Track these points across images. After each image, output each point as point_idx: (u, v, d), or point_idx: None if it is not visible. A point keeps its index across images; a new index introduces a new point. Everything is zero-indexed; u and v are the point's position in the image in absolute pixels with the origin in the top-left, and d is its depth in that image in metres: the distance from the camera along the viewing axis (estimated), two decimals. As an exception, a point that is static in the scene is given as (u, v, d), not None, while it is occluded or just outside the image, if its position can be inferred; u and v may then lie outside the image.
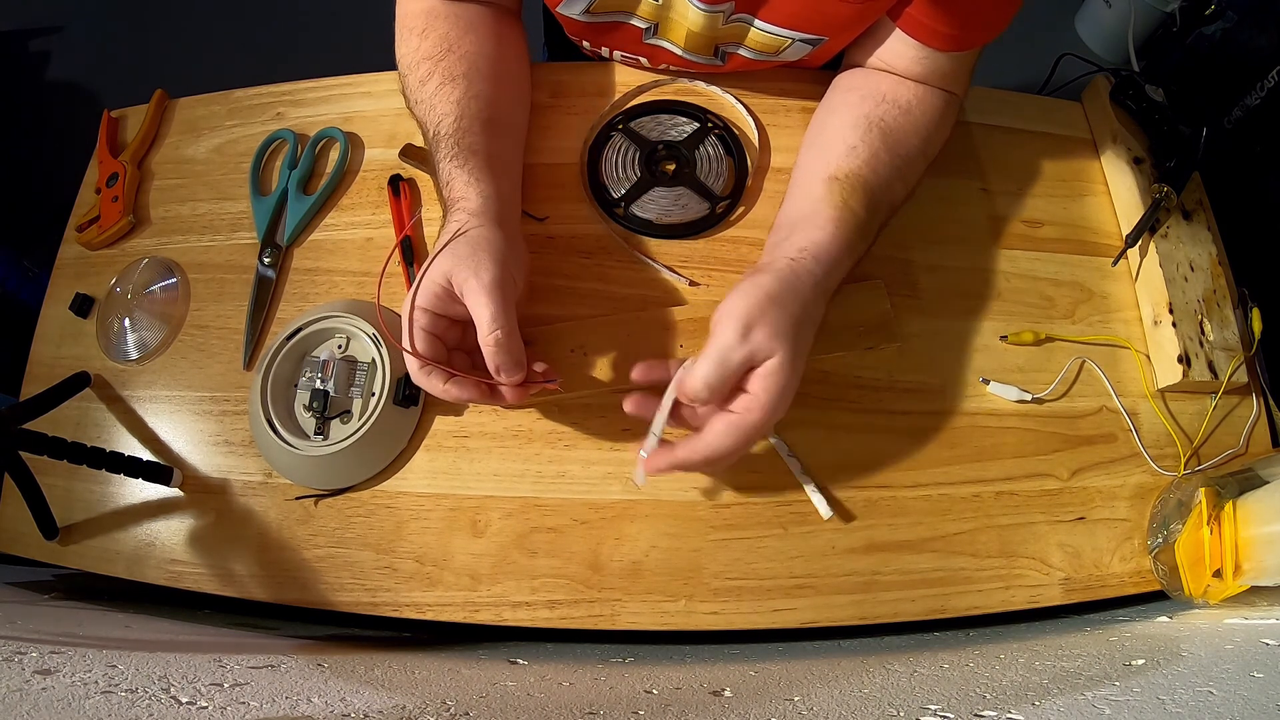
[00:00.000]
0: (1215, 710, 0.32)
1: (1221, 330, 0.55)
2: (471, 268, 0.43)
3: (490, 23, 0.57)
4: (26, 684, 0.32)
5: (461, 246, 0.44)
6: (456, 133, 0.50)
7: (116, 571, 0.53)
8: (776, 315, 0.42)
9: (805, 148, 0.55)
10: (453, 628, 0.50)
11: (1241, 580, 0.46)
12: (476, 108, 0.52)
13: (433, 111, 0.52)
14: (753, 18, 0.52)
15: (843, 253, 0.47)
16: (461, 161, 0.49)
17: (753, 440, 0.43)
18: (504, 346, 0.42)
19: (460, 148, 0.49)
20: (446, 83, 0.52)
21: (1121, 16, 1.47)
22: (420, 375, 0.44)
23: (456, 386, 0.44)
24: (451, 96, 0.51)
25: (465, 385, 0.44)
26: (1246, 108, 0.98)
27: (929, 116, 0.53)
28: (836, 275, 0.47)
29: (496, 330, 0.42)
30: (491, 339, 0.42)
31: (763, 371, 0.42)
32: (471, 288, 0.43)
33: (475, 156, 0.49)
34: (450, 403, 0.50)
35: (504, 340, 0.42)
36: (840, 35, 0.54)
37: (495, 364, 0.43)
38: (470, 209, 0.47)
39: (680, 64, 0.59)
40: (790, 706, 0.36)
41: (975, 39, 0.51)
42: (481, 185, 0.48)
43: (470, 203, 0.47)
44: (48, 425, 0.52)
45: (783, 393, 0.42)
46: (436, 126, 0.51)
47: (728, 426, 0.42)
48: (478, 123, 0.51)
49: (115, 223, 0.61)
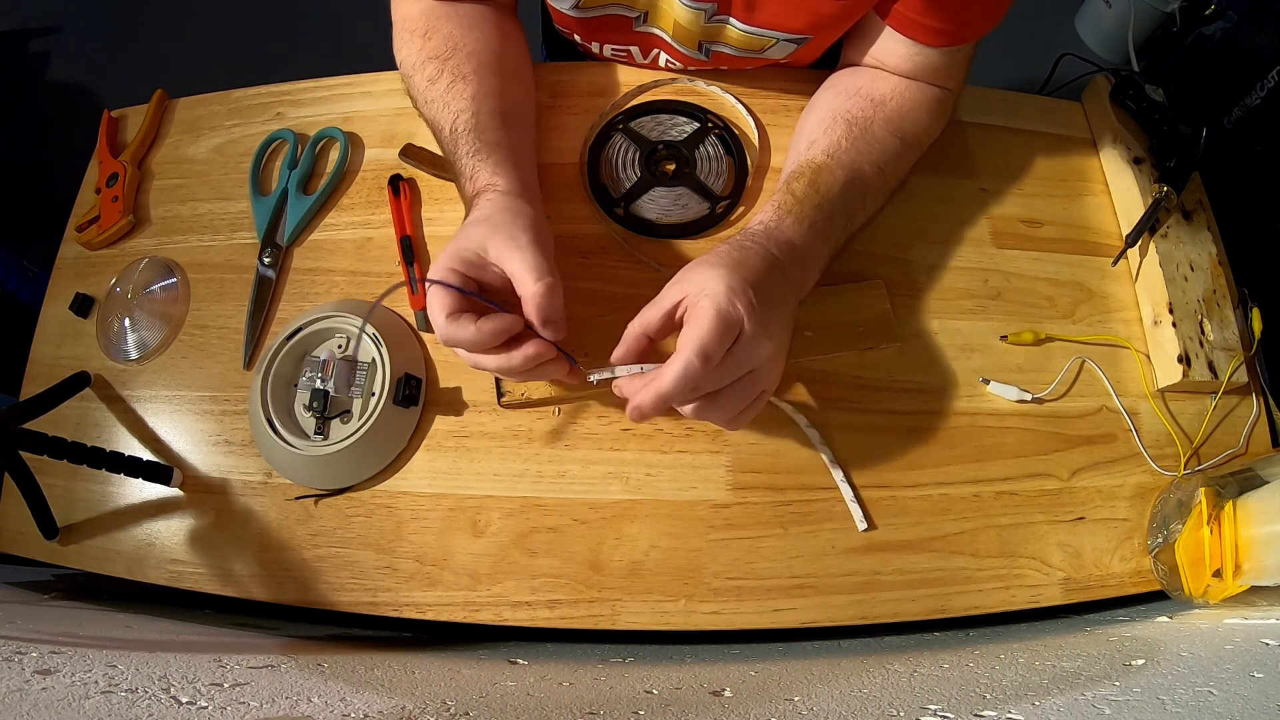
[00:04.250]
0: (1215, 710, 0.32)
1: (1221, 330, 0.55)
2: (508, 232, 0.43)
3: (492, 20, 0.57)
4: (26, 684, 0.32)
5: (498, 215, 0.44)
6: (476, 128, 0.50)
7: (116, 571, 0.53)
8: (706, 259, 0.43)
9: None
10: (453, 628, 0.50)
11: (1241, 580, 0.46)
12: (492, 104, 0.52)
13: (447, 109, 0.52)
14: (734, 19, 0.52)
15: (782, 219, 0.47)
16: (486, 154, 0.49)
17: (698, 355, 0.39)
18: (551, 293, 0.42)
19: (483, 141, 0.50)
20: (458, 80, 0.52)
21: (1121, 16, 1.47)
22: (449, 325, 0.42)
23: (491, 322, 0.42)
24: (465, 94, 0.52)
25: (501, 319, 0.42)
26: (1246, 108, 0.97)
27: (908, 106, 0.53)
28: (783, 235, 0.47)
29: (546, 277, 0.42)
30: (542, 285, 0.42)
31: (694, 300, 0.41)
32: (512, 248, 0.42)
33: (499, 149, 0.50)
34: (483, 366, 0.45)
35: (550, 287, 0.42)
36: (825, 34, 0.54)
37: (543, 316, 0.42)
38: (502, 190, 0.47)
39: (670, 53, 0.60)
40: (790, 706, 0.36)
41: (966, 34, 0.51)
42: (510, 172, 0.49)
43: (501, 186, 0.48)
44: (48, 425, 0.52)
45: (719, 316, 0.39)
46: (453, 123, 0.51)
47: (677, 351, 0.40)
48: (495, 117, 0.52)
49: (115, 223, 0.61)
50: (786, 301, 0.44)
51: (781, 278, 0.44)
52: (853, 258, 0.56)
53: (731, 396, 0.42)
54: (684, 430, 0.53)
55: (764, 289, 0.42)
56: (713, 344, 0.39)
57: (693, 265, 0.43)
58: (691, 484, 0.52)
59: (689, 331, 0.39)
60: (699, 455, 0.52)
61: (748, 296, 0.40)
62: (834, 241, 0.50)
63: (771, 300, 0.42)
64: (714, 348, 0.39)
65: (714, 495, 0.51)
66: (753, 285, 0.41)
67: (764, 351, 0.41)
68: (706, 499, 0.51)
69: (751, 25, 0.52)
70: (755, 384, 0.42)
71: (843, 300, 0.55)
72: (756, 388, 0.42)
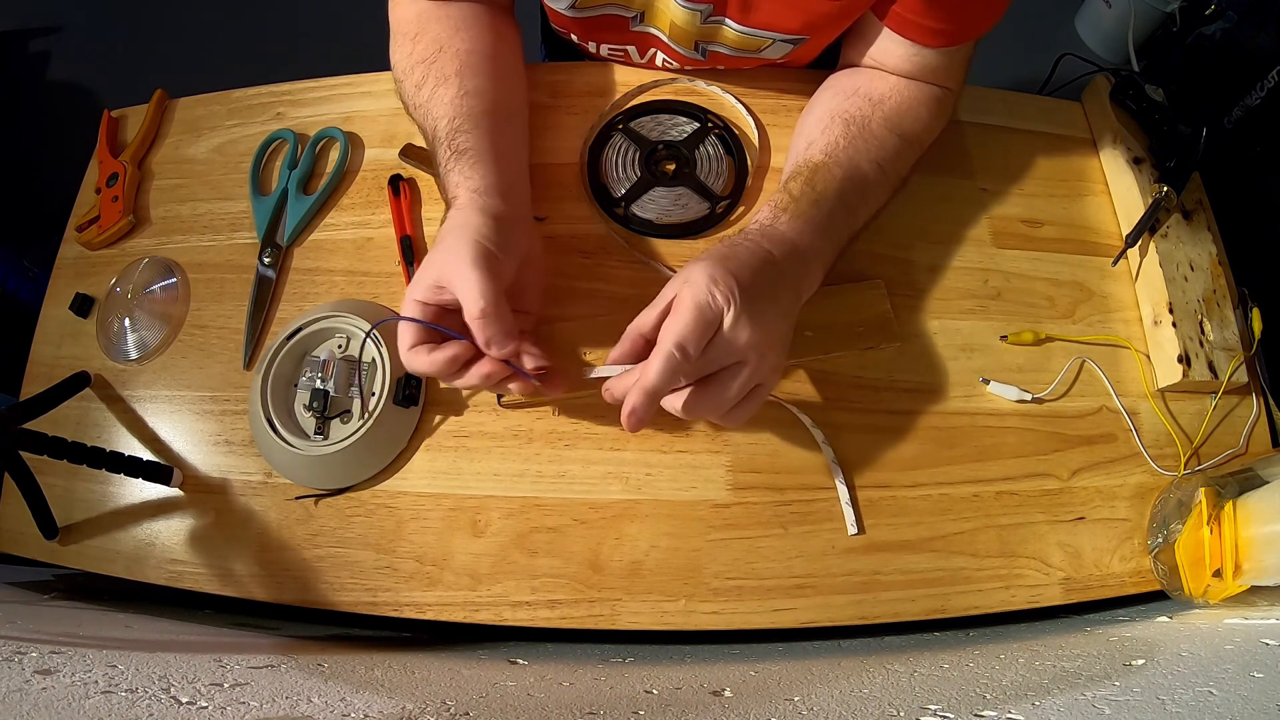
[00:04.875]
0: (1215, 710, 0.32)
1: (1221, 330, 0.55)
2: (456, 254, 0.43)
3: (484, 19, 0.57)
4: (26, 684, 0.32)
5: (446, 238, 0.45)
6: (449, 134, 0.50)
7: (116, 571, 0.53)
8: (698, 256, 0.43)
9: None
10: (453, 628, 0.50)
11: (1241, 580, 0.46)
12: (469, 105, 0.52)
13: (429, 116, 0.52)
14: (730, 19, 0.52)
15: (778, 217, 0.48)
16: (455, 162, 0.49)
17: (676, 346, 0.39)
18: (490, 316, 0.42)
19: (452, 149, 0.50)
20: (440, 85, 0.52)
21: (1121, 16, 1.47)
22: (409, 357, 0.44)
23: (442, 351, 0.43)
24: (444, 99, 0.52)
25: (449, 348, 0.44)
26: (1246, 108, 0.98)
27: (906, 104, 0.53)
28: (778, 232, 0.47)
29: (481, 302, 0.42)
30: (476, 310, 0.42)
31: (677, 294, 0.41)
32: (456, 271, 0.42)
33: (466, 154, 0.50)
34: (454, 385, 0.48)
35: (489, 310, 0.42)
36: (821, 35, 0.54)
37: (484, 337, 0.43)
38: (459, 204, 0.47)
39: (667, 52, 0.60)
40: (790, 706, 0.36)
41: (965, 34, 0.51)
42: (471, 180, 0.48)
43: (460, 199, 0.48)
44: (48, 425, 0.52)
45: (696, 307, 0.39)
46: (433, 130, 0.51)
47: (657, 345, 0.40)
48: (469, 120, 0.51)
49: (115, 223, 0.61)
50: (781, 297, 0.44)
51: (775, 273, 0.44)
52: (853, 258, 0.56)
53: (719, 388, 0.42)
54: (684, 430, 0.53)
55: (751, 282, 0.41)
56: (689, 334, 0.39)
57: (687, 265, 0.43)
58: (691, 484, 0.52)
59: (669, 323, 0.40)
60: (699, 455, 0.52)
61: (728, 286, 0.40)
62: (836, 238, 0.50)
63: (760, 293, 0.42)
64: (691, 338, 0.39)
65: (714, 495, 0.51)
66: (735, 275, 0.41)
67: (744, 341, 0.41)
68: (706, 499, 0.51)
69: (747, 26, 0.52)
70: (744, 376, 0.42)
71: (843, 300, 0.55)
72: (747, 380, 0.42)
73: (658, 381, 0.39)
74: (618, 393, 0.42)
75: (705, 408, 0.42)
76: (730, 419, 0.44)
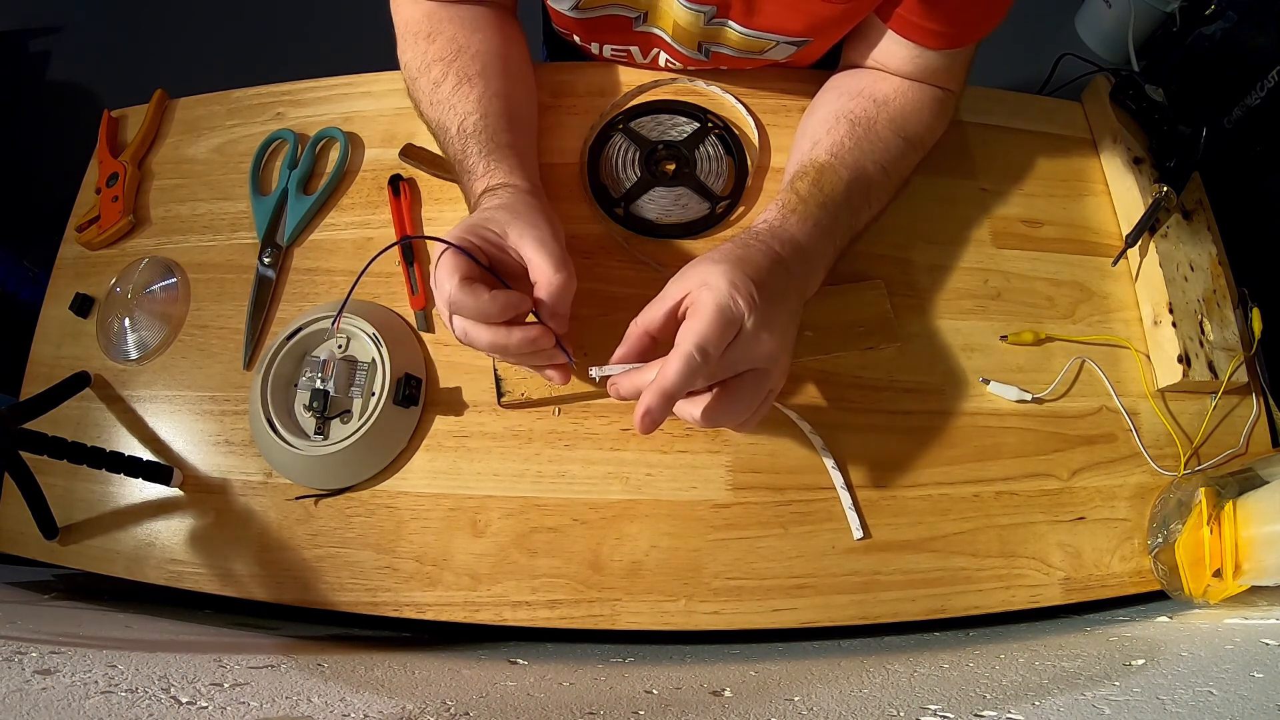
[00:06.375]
0: (1215, 710, 0.32)
1: (1221, 330, 0.55)
2: (531, 220, 0.44)
3: (494, 22, 0.57)
4: (26, 684, 0.32)
5: (520, 205, 0.45)
6: (487, 129, 0.51)
7: (116, 571, 0.53)
8: (709, 255, 0.43)
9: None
10: (453, 628, 0.50)
11: (1241, 580, 0.46)
12: (499, 105, 0.52)
13: (453, 111, 0.52)
14: (733, 21, 0.52)
15: (786, 218, 0.48)
16: (501, 155, 0.50)
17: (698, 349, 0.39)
18: (569, 285, 0.43)
19: (496, 143, 0.51)
20: (464, 83, 0.52)
21: (1121, 16, 1.47)
22: (459, 290, 0.40)
23: (504, 296, 0.41)
24: (471, 95, 0.52)
25: (512, 295, 0.42)
26: (1246, 108, 0.97)
27: (910, 106, 0.54)
28: (787, 233, 0.47)
29: (563, 271, 0.42)
30: (562, 275, 0.42)
31: (695, 295, 0.41)
32: (533, 235, 0.43)
33: (512, 150, 0.51)
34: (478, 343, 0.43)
35: (571, 280, 0.43)
36: (824, 36, 0.54)
37: (554, 304, 0.43)
38: (520, 188, 0.48)
39: (670, 53, 0.60)
40: (790, 706, 0.36)
41: (967, 37, 0.51)
42: (524, 172, 0.50)
43: (518, 184, 0.48)
44: (48, 425, 0.52)
45: (719, 310, 0.39)
46: (460, 124, 0.51)
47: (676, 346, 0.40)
48: (503, 119, 0.52)
49: (115, 223, 0.62)
50: (790, 299, 0.44)
51: (785, 275, 0.44)
52: (853, 258, 0.56)
53: (740, 397, 0.41)
54: (684, 430, 0.53)
55: (767, 285, 0.41)
56: (712, 337, 0.38)
57: (695, 262, 0.43)
58: (691, 484, 0.51)
59: (689, 325, 0.39)
60: (699, 455, 0.52)
61: (749, 291, 0.40)
62: (839, 240, 0.50)
63: (774, 297, 0.42)
64: (713, 341, 0.39)
65: (714, 495, 0.51)
66: (755, 280, 0.41)
67: (765, 348, 0.41)
68: (706, 499, 0.51)
69: (751, 28, 0.52)
70: (762, 382, 0.42)
71: (843, 300, 0.55)
72: (764, 387, 0.42)
73: (676, 382, 0.38)
74: (625, 391, 0.42)
75: (726, 419, 0.42)
76: (746, 426, 0.44)
